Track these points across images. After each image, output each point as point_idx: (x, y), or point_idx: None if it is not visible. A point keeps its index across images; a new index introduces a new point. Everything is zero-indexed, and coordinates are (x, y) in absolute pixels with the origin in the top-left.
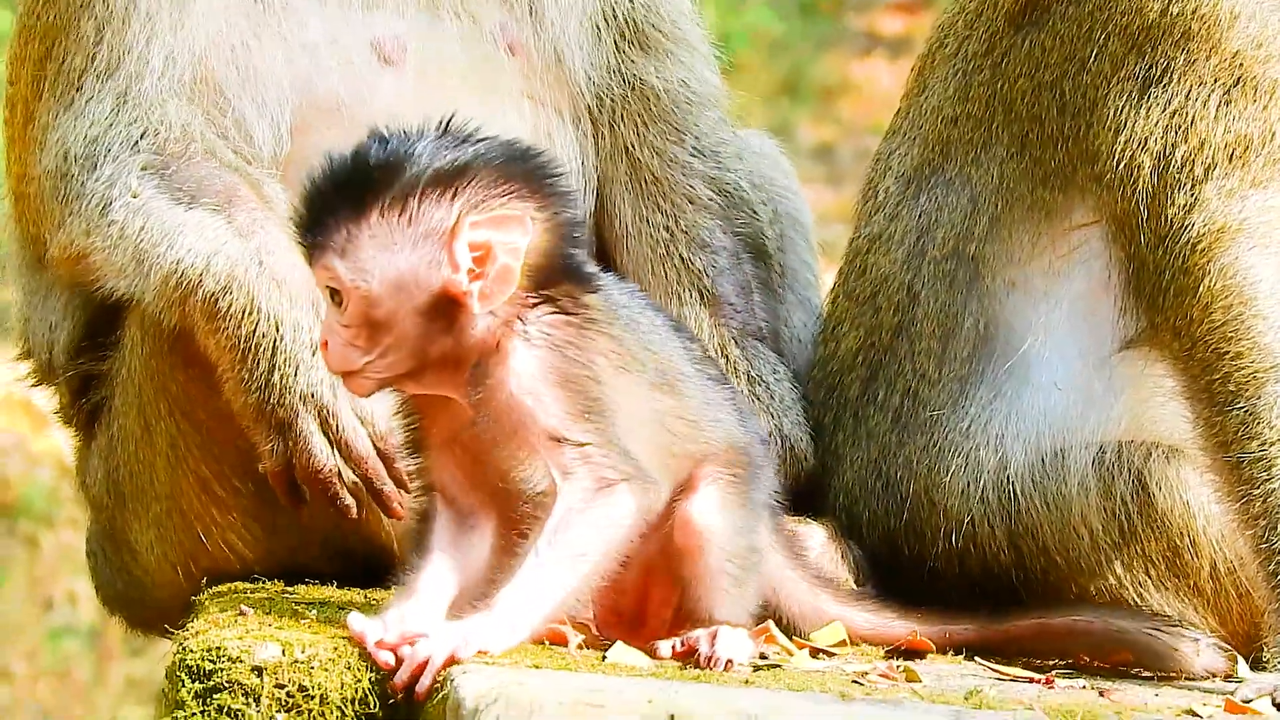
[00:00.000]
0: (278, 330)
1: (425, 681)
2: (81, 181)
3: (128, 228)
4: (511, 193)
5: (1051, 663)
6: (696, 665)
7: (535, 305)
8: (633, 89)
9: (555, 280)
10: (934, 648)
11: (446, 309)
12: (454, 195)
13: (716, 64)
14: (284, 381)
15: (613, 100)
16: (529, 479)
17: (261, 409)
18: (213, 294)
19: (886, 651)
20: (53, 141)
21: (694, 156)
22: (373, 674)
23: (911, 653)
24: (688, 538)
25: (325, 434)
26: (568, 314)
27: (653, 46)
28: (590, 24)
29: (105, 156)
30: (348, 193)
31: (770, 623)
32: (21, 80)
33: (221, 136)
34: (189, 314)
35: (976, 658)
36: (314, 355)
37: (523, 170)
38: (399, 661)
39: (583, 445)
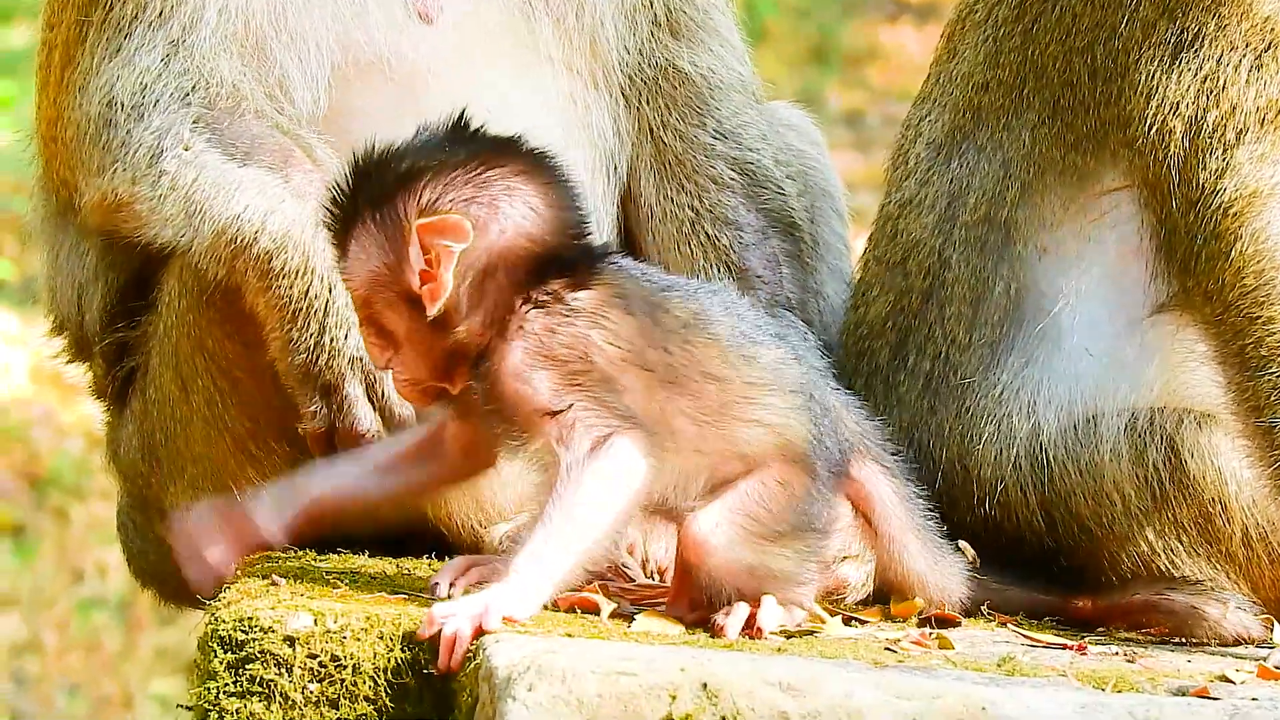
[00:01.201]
0: (330, 292)
1: (456, 657)
2: (128, 130)
3: (180, 179)
4: (468, 197)
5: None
6: (712, 633)
7: (522, 303)
8: (662, 73)
9: (542, 277)
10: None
11: (424, 308)
12: (415, 197)
13: (746, 56)
14: (333, 344)
15: (643, 81)
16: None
17: (309, 370)
18: (268, 252)
19: (920, 619)
20: (95, 87)
21: (716, 139)
22: (405, 644)
23: (944, 620)
24: (686, 550)
25: (370, 399)
26: (553, 312)
27: (684, 33)
28: (628, 6)
29: (154, 107)
30: (347, 196)
31: None
32: (64, 23)
33: (269, 97)
34: (239, 270)
35: (1009, 624)
36: None
37: (499, 171)
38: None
39: (570, 408)
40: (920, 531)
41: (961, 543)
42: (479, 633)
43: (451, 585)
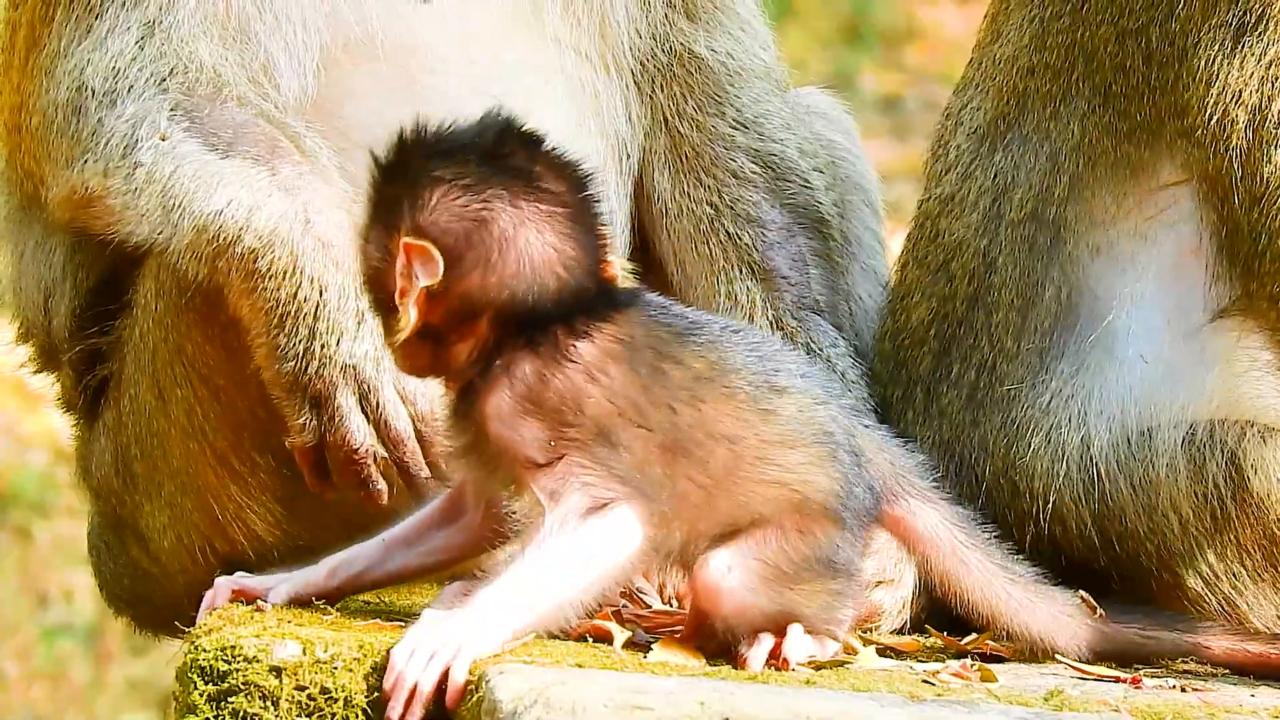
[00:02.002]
0: (321, 295)
1: (416, 713)
2: (99, 118)
3: (156, 171)
4: (464, 231)
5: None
6: (735, 665)
7: (513, 346)
8: (678, 59)
9: (540, 322)
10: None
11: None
12: (415, 208)
13: (770, 40)
14: (324, 351)
15: (657, 67)
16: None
17: (297, 379)
18: (253, 250)
19: (960, 649)
20: (64, 72)
21: (735, 130)
22: None
23: (991, 655)
24: (699, 598)
25: (364, 411)
26: (546, 358)
27: (701, 16)
28: None
29: (128, 93)
30: (386, 165)
31: None
32: (29, 2)
33: (252, 82)
34: (221, 270)
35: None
36: (358, 325)
37: (512, 206)
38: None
39: (562, 461)
40: (990, 557)
41: (1081, 592)
42: (442, 682)
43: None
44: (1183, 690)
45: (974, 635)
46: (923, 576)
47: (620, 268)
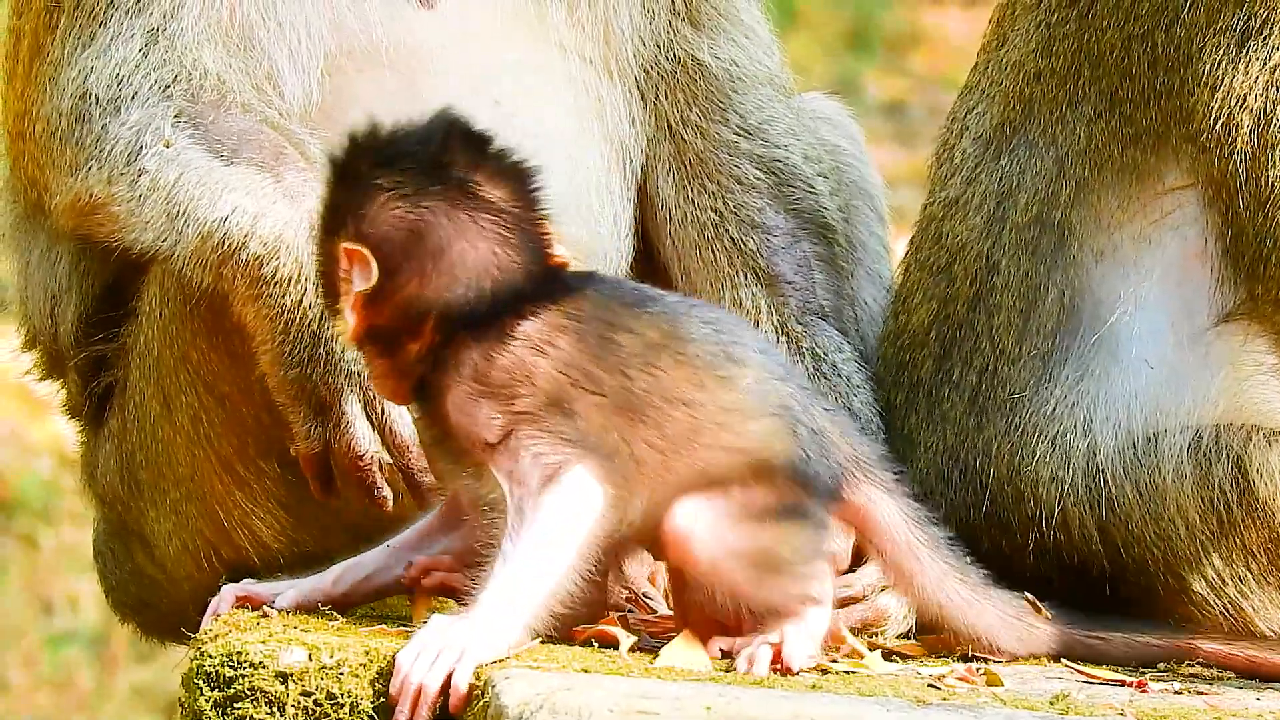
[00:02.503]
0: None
1: (423, 716)
2: (103, 125)
3: (161, 178)
4: (398, 239)
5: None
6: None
7: (458, 337)
8: (682, 66)
9: (483, 314)
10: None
11: None
12: (356, 214)
13: (775, 46)
14: (329, 357)
15: (660, 74)
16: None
17: (302, 386)
18: (258, 257)
19: (966, 654)
20: (67, 79)
21: (739, 135)
22: None
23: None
24: (669, 550)
25: (369, 417)
26: (490, 340)
27: (705, 23)
28: None
29: (132, 100)
30: (337, 166)
31: (840, 622)
32: (32, 9)
33: (256, 89)
34: (226, 277)
35: (1063, 659)
36: None
37: (449, 213)
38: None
39: (513, 436)
40: (942, 555)
41: (1027, 595)
42: (446, 686)
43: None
44: (1190, 696)
45: None
46: (879, 568)
47: (567, 254)
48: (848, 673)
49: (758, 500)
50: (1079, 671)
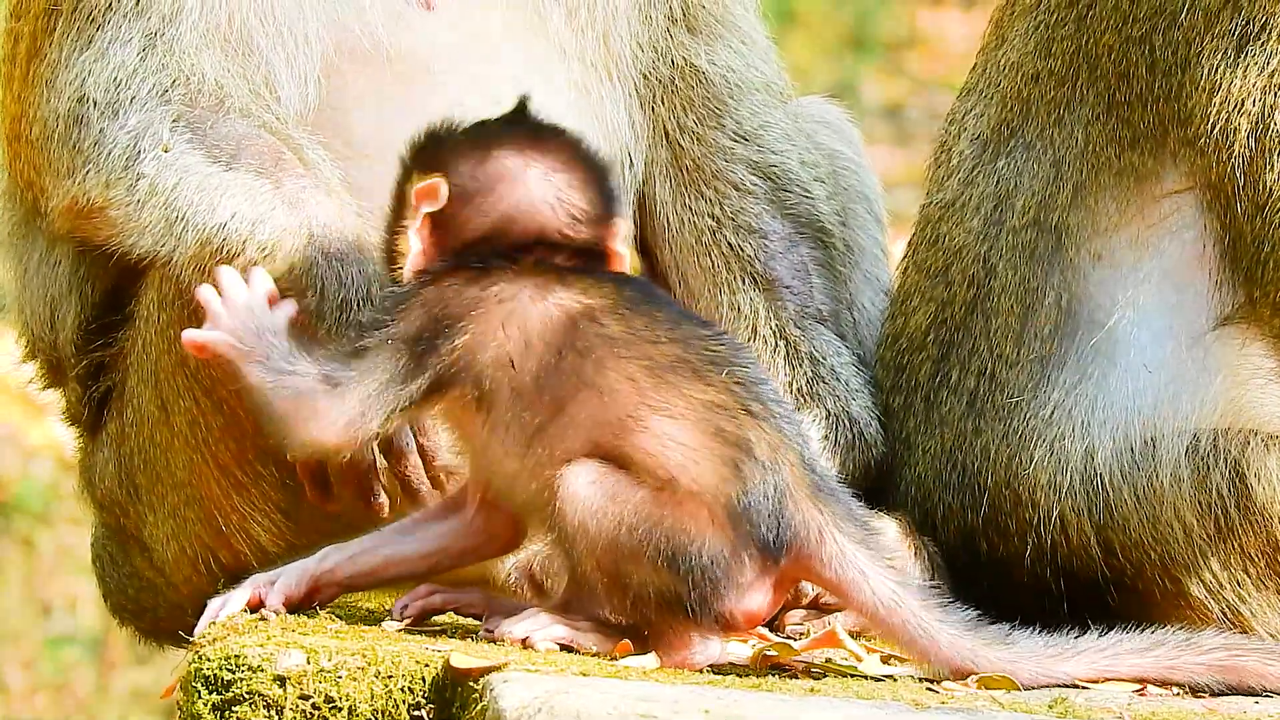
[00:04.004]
0: (324, 308)
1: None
2: (101, 129)
3: (160, 183)
4: (466, 170)
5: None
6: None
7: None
8: (679, 72)
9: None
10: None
11: None
12: (424, 161)
13: (772, 52)
14: None
15: (658, 80)
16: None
17: None
18: (255, 263)
19: None
20: (65, 82)
21: (735, 142)
22: (405, 684)
23: None
24: (561, 513)
25: None
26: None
27: (702, 29)
28: (641, 1)
29: (130, 104)
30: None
31: (838, 626)
32: (30, 12)
33: (253, 94)
34: None
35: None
36: None
37: (516, 158)
38: None
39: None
40: (925, 621)
41: None
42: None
43: (404, 609)
44: (1188, 699)
45: None
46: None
47: (623, 250)
48: (845, 676)
49: (652, 497)
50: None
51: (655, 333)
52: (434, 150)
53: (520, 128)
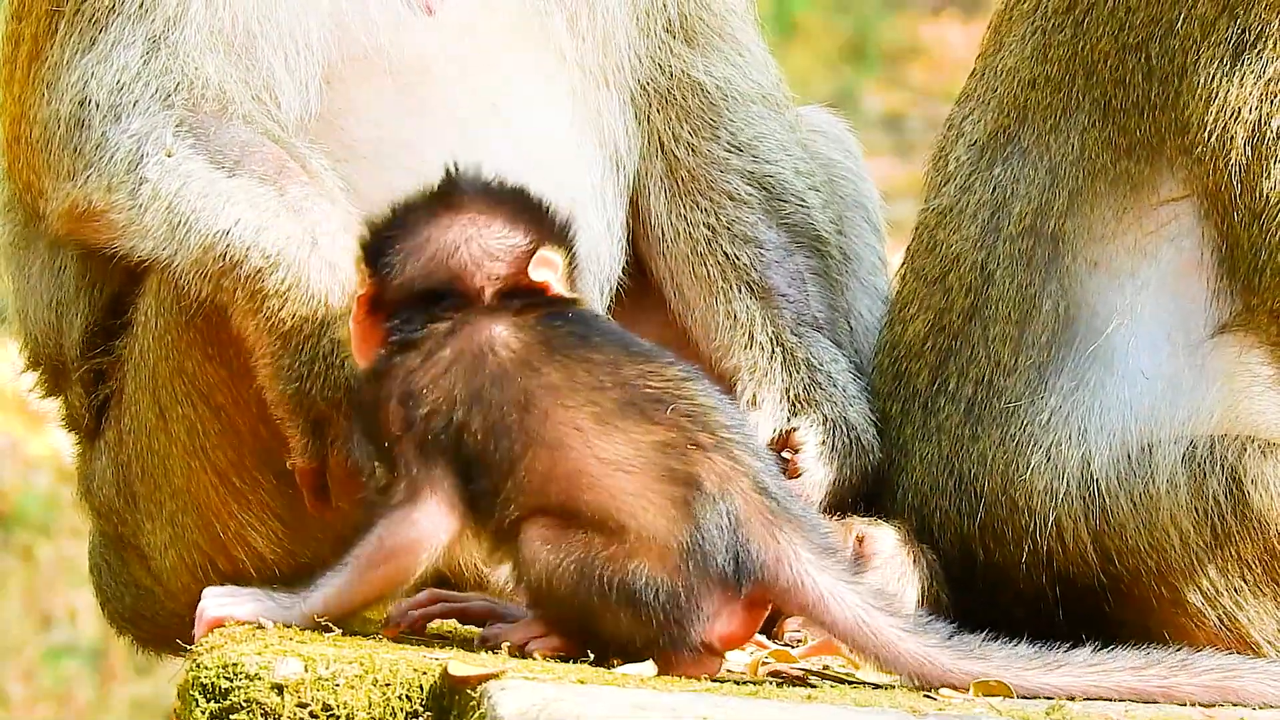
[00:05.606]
0: (326, 316)
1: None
2: (103, 132)
3: (162, 188)
4: (387, 250)
5: None
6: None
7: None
8: (676, 83)
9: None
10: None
11: None
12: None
13: (769, 64)
14: (329, 372)
15: (655, 91)
16: None
17: (300, 400)
18: (259, 270)
19: None
20: (66, 84)
21: (730, 152)
22: (403, 692)
23: None
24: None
25: None
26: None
27: (699, 41)
28: (639, 11)
29: (133, 108)
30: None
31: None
32: (32, 13)
33: (255, 99)
34: (226, 289)
35: None
36: None
37: (428, 225)
38: None
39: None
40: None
41: None
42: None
43: (404, 616)
44: (1188, 704)
45: None
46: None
47: (551, 278)
48: (843, 683)
49: (604, 548)
50: None
51: (597, 377)
52: (361, 243)
53: (435, 194)
